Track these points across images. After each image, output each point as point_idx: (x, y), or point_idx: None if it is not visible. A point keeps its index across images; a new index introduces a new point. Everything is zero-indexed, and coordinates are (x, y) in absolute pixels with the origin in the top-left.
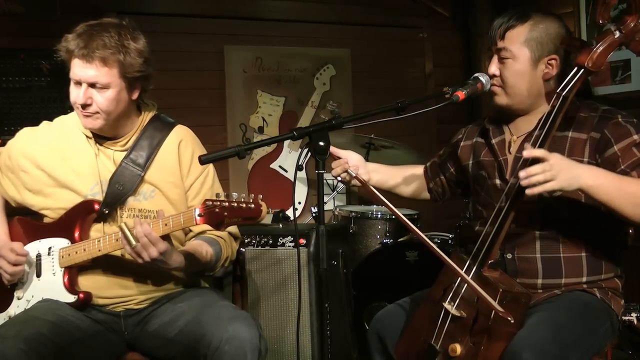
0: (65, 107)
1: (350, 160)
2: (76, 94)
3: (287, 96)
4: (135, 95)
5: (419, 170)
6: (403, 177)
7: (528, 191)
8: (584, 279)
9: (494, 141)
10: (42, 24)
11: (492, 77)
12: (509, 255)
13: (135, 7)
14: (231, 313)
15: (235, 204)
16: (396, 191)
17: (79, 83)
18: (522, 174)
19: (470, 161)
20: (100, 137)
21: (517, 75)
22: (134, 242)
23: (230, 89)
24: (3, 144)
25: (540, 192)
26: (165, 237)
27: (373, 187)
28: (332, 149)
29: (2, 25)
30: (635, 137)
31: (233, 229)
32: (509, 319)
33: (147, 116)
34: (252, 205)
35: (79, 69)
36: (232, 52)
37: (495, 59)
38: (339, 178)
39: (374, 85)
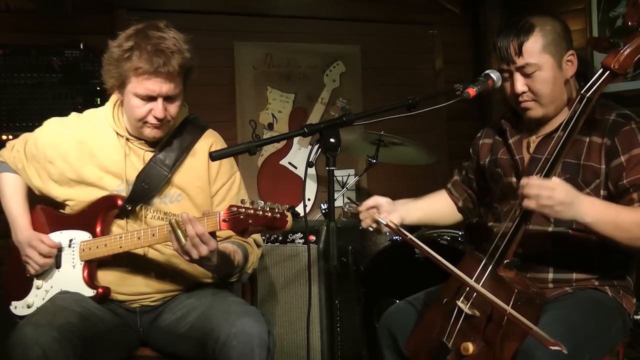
0: (75, 104)
1: (379, 207)
2: (147, 110)
3: (297, 93)
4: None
5: (443, 195)
6: (433, 208)
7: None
8: (596, 276)
9: (511, 141)
10: (53, 21)
11: (520, 94)
12: (520, 250)
13: (145, 3)
14: (240, 308)
15: (261, 212)
16: (432, 223)
17: (151, 98)
18: (523, 181)
19: (488, 158)
20: (133, 137)
21: (549, 83)
22: (183, 241)
23: (240, 85)
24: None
25: (533, 208)
26: None
27: (405, 231)
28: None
29: (13, 22)
30: None
31: (256, 236)
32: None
33: (180, 117)
34: (278, 216)
35: (156, 85)
36: (242, 48)
37: (518, 76)
38: (370, 228)
39: (384, 82)
